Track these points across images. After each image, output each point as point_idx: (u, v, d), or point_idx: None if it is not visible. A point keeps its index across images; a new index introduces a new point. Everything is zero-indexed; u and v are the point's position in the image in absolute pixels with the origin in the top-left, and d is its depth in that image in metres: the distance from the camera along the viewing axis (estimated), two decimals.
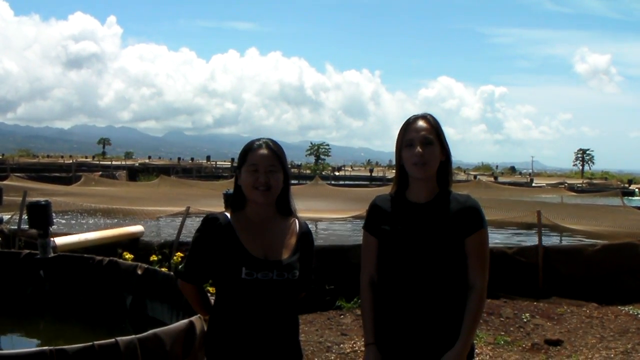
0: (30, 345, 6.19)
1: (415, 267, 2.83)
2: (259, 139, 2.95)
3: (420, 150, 2.84)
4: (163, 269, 7.04)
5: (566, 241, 14.75)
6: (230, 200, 3.05)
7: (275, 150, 2.89)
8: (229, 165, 60.43)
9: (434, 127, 2.90)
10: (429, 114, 2.94)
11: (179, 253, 8.52)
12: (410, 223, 2.88)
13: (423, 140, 2.85)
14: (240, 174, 2.91)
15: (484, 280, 2.86)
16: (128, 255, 7.78)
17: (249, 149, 2.90)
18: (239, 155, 2.94)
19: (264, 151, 2.87)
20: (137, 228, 10.43)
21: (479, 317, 2.89)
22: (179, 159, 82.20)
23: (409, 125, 2.91)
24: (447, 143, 2.92)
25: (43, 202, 7.41)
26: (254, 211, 2.91)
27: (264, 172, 2.83)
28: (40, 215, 7.22)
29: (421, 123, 2.89)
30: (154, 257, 8.26)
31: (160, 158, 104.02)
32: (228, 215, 2.92)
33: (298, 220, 3.03)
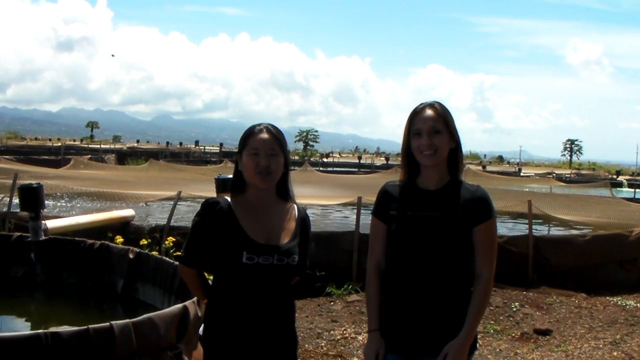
0: (22, 328, 6.16)
1: (422, 253, 2.82)
2: (259, 124, 2.94)
3: (427, 140, 2.83)
4: (154, 253, 7.03)
5: (555, 231, 14.82)
6: (228, 185, 3.04)
7: (276, 135, 2.89)
8: (218, 150, 60.29)
9: (442, 115, 2.88)
10: (437, 102, 2.93)
11: (170, 238, 8.49)
12: (419, 209, 2.87)
13: (430, 129, 2.84)
14: (240, 158, 2.90)
15: (491, 271, 2.86)
16: (119, 239, 7.75)
17: (250, 133, 2.90)
18: (240, 140, 2.93)
19: (264, 135, 2.86)
20: (128, 212, 10.41)
21: (484, 307, 2.88)
22: (167, 143, 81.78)
23: (416, 115, 2.90)
24: (456, 130, 2.91)
25: (35, 185, 7.37)
26: (255, 196, 2.91)
27: (265, 156, 2.82)
28: (32, 197, 7.18)
29: (429, 112, 2.88)
30: (144, 241, 8.24)
31: (148, 142, 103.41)
32: (228, 199, 2.91)
33: (296, 205, 3.03)
